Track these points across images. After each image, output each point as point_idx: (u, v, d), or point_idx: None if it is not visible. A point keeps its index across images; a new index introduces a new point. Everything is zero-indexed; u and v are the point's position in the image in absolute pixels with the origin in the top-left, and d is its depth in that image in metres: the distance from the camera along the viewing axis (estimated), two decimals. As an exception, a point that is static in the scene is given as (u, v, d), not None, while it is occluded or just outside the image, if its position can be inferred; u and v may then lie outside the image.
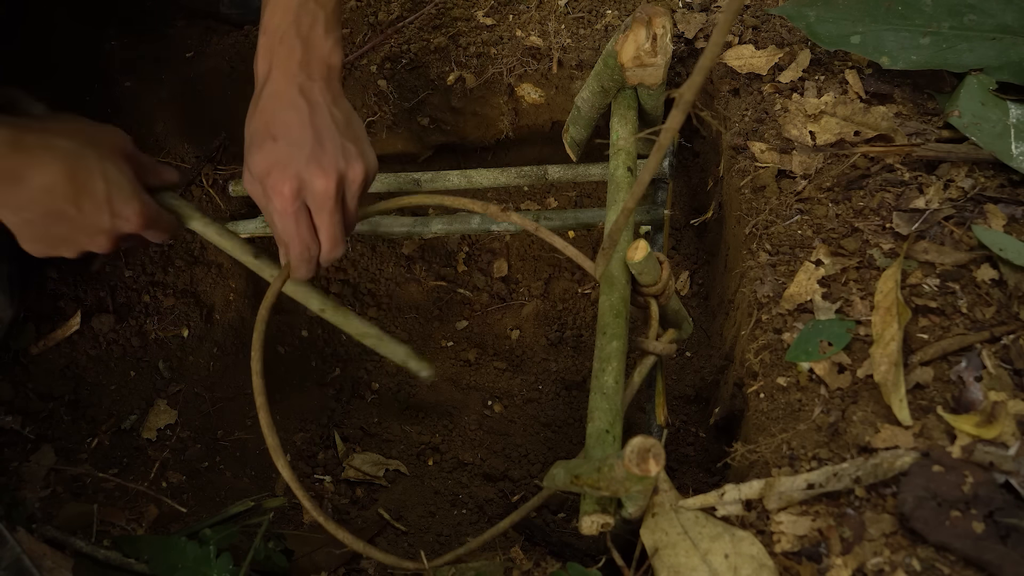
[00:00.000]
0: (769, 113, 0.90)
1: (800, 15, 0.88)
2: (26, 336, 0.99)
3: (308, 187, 0.71)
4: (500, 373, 1.10)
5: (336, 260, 0.78)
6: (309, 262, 0.76)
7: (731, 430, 0.88)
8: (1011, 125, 0.80)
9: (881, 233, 0.78)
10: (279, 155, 0.70)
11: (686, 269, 1.10)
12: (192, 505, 0.92)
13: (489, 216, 0.81)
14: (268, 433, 0.76)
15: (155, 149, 1.11)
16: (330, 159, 0.71)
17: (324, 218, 0.73)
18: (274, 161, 0.70)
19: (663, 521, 0.65)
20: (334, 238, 0.74)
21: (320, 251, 0.75)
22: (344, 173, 0.72)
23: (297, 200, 0.71)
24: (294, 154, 0.70)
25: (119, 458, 0.96)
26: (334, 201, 0.72)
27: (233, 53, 1.09)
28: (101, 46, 1.09)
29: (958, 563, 0.60)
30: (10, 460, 0.90)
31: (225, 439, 1.03)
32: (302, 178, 0.70)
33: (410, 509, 0.96)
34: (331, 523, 0.76)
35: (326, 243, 0.75)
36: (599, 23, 1.05)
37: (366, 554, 0.76)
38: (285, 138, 0.71)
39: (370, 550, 0.76)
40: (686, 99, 0.47)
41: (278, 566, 0.84)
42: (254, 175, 0.72)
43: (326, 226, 0.73)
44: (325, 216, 0.73)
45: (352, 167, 0.72)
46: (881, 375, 0.69)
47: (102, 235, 0.77)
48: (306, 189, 0.71)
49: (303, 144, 0.70)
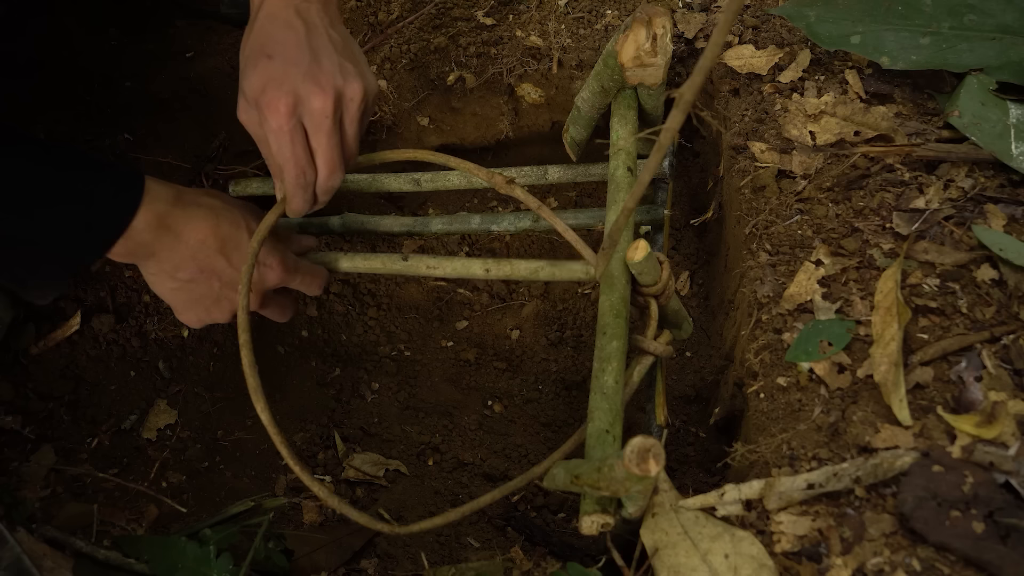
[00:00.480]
0: (769, 113, 0.90)
1: (800, 15, 0.88)
2: (26, 336, 0.99)
3: (305, 104, 0.68)
4: (500, 373, 1.10)
5: (333, 191, 0.75)
6: (305, 189, 0.73)
7: (731, 430, 0.88)
8: (1011, 125, 0.80)
9: (881, 233, 0.78)
10: (274, 72, 0.68)
11: (686, 269, 1.10)
12: (192, 505, 0.92)
13: (494, 186, 0.80)
14: (249, 373, 0.75)
15: (155, 149, 1.11)
16: (327, 76, 0.69)
17: (321, 139, 0.70)
18: (269, 78, 0.68)
19: (663, 521, 0.65)
20: (332, 162, 0.71)
21: (317, 178, 0.73)
22: (342, 91, 0.69)
23: (293, 117, 0.68)
24: (290, 71, 0.68)
25: (119, 458, 0.96)
26: (331, 120, 0.69)
27: (233, 53, 1.09)
28: (101, 46, 1.09)
29: (958, 563, 0.60)
30: (10, 460, 0.90)
31: (225, 439, 1.03)
32: (298, 94, 0.68)
33: (410, 509, 0.96)
34: (307, 475, 0.75)
35: (323, 168, 0.72)
36: (599, 23, 1.05)
37: (339, 510, 0.76)
38: (281, 56, 0.69)
39: (343, 507, 0.76)
40: (686, 99, 0.47)
41: (278, 566, 0.84)
42: (249, 97, 0.70)
43: (323, 148, 0.71)
44: (322, 137, 0.70)
45: (350, 85, 0.70)
46: (881, 375, 0.69)
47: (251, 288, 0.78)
48: (302, 106, 0.68)
49: (299, 62, 0.68)
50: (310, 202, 0.75)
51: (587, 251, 0.77)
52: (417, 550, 0.90)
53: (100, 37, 1.10)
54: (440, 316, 1.16)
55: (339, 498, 0.76)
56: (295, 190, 0.73)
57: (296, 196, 0.73)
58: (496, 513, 0.96)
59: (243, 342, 0.76)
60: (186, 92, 1.09)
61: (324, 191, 0.74)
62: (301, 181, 0.72)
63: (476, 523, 0.95)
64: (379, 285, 1.17)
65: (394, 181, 1.03)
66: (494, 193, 1.22)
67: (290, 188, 0.73)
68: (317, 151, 0.71)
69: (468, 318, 1.15)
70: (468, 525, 0.95)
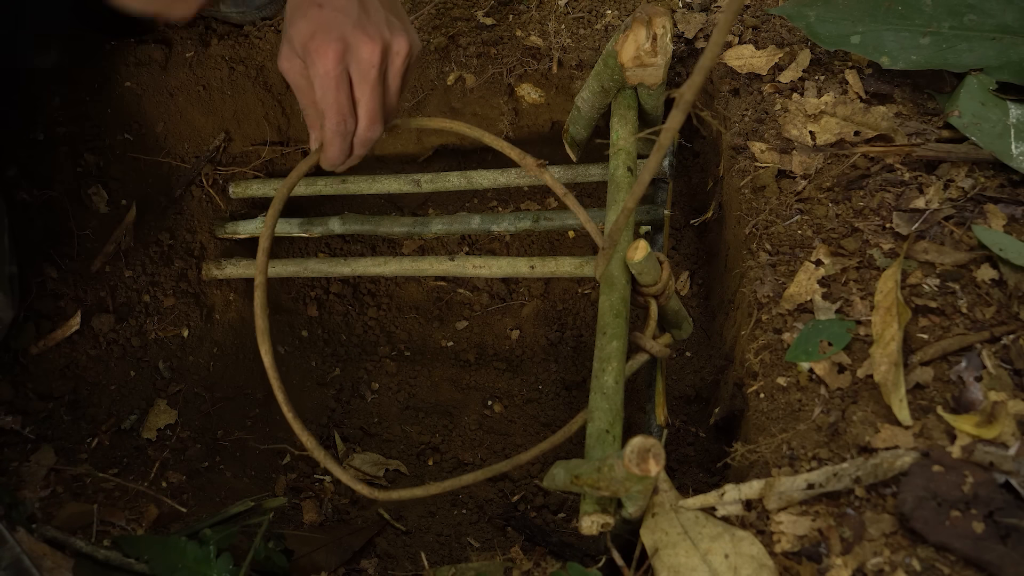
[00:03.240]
0: (769, 113, 0.90)
1: (800, 15, 0.88)
2: (26, 336, 0.99)
3: (353, 52, 0.69)
4: (500, 373, 1.10)
5: (370, 144, 0.74)
6: (344, 138, 0.72)
7: (731, 430, 0.88)
8: (1011, 125, 0.80)
9: (881, 233, 0.78)
10: (324, 19, 0.68)
11: (686, 269, 1.10)
12: (192, 505, 0.92)
13: (525, 168, 0.81)
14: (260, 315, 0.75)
15: (155, 149, 1.11)
16: (375, 28, 0.69)
17: (366, 89, 0.70)
18: (319, 25, 0.68)
19: (663, 521, 0.65)
20: (373, 113, 0.72)
21: (356, 128, 0.73)
22: (389, 43, 0.70)
23: (340, 64, 0.68)
24: (340, 19, 0.68)
25: (119, 458, 0.96)
26: (377, 71, 0.70)
27: (233, 53, 1.09)
28: (101, 46, 1.09)
29: (958, 563, 0.60)
30: (10, 460, 0.90)
31: (225, 439, 1.03)
32: (348, 42, 0.68)
33: (410, 509, 0.96)
34: (298, 423, 0.76)
35: (364, 118, 0.72)
36: (599, 23, 1.05)
37: (324, 464, 0.77)
38: (331, 5, 0.69)
39: (328, 461, 0.77)
40: (686, 99, 0.47)
41: (278, 566, 0.84)
42: (295, 44, 0.70)
43: (367, 98, 0.71)
44: (367, 87, 0.70)
45: (397, 39, 0.70)
46: (881, 375, 0.69)
47: None
48: (351, 54, 0.69)
49: (349, 11, 0.69)
50: (346, 152, 0.74)
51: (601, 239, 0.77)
52: (417, 550, 0.90)
53: (100, 37, 1.10)
54: (440, 316, 1.16)
55: (324, 451, 0.77)
56: (334, 137, 0.72)
57: (334, 144, 0.73)
58: (496, 513, 0.96)
59: (258, 283, 0.76)
60: (186, 92, 1.09)
61: (361, 143, 0.74)
62: (341, 129, 0.72)
63: (476, 523, 0.95)
64: (379, 285, 1.17)
65: (394, 182, 1.03)
66: (494, 193, 1.22)
67: (329, 135, 0.72)
68: (360, 101, 0.71)
69: (468, 318, 1.15)
70: (468, 525, 0.95)
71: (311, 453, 0.77)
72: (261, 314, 0.75)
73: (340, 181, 1.04)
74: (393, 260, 0.97)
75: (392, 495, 0.76)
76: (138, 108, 1.09)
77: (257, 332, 0.75)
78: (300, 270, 1.02)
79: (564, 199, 0.80)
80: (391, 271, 0.97)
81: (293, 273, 1.03)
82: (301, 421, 0.76)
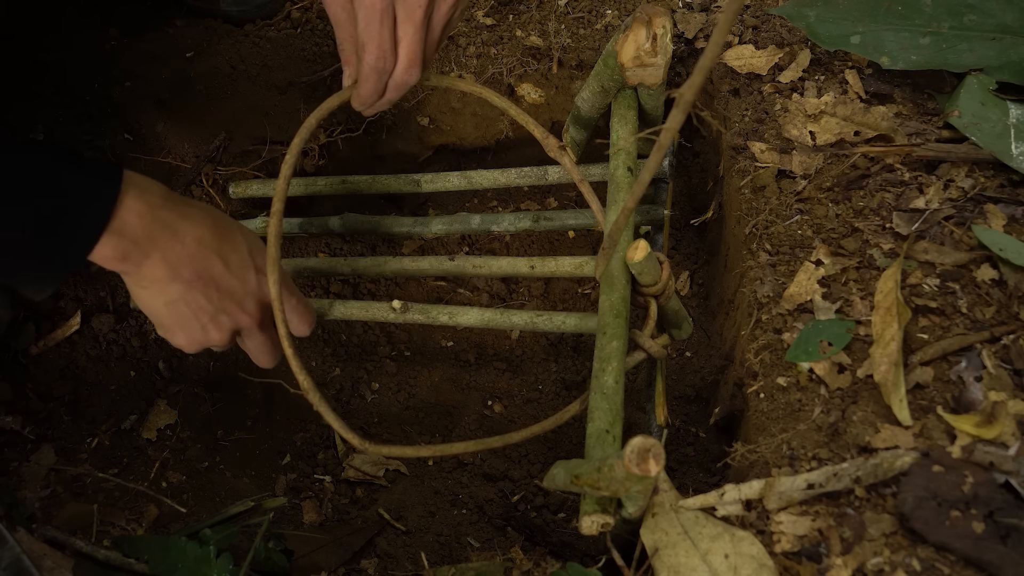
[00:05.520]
0: (769, 113, 0.90)
1: (800, 15, 0.88)
2: (26, 336, 0.99)
3: None
4: (500, 373, 1.10)
5: (404, 89, 0.74)
6: (380, 76, 0.71)
7: (731, 430, 0.88)
8: (1011, 125, 0.80)
9: (881, 233, 0.78)
10: None
11: (686, 269, 1.10)
12: (192, 505, 0.92)
13: (545, 147, 0.82)
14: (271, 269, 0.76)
15: (155, 149, 1.11)
16: None
17: (409, 29, 0.69)
18: None
19: (663, 521, 0.65)
20: (413, 54, 0.71)
21: (395, 68, 0.72)
22: None
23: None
24: None
25: (119, 458, 0.96)
26: (424, 11, 0.69)
27: (233, 53, 1.09)
28: (101, 46, 1.09)
29: (958, 563, 0.60)
30: (10, 460, 0.90)
31: (225, 439, 1.03)
32: None
33: (410, 509, 0.96)
34: (296, 361, 0.79)
35: (403, 58, 0.71)
36: (599, 23, 1.05)
37: (317, 407, 0.79)
38: None
39: (321, 405, 0.78)
40: (686, 99, 0.47)
41: (278, 566, 0.84)
42: None
43: (409, 39, 0.70)
44: (411, 27, 0.69)
45: None
46: (881, 375, 0.69)
47: (250, 298, 0.77)
48: None
49: None
50: (379, 92, 0.73)
51: None
52: (417, 550, 0.90)
53: (99, 36, 1.10)
54: (440, 316, 1.16)
55: (319, 395, 0.78)
56: (370, 73, 0.71)
57: (369, 80, 0.72)
58: (496, 513, 0.96)
59: (275, 211, 0.77)
60: (186, 92, 1.09)
61: (396, 86, 0.73)
62: (380, 65, 0.71)
63: (476, 523, 0.95)
64: (379, 285, 1.17)
65: (394, 182, 1.03)
66: (494, 193, 1.22)
67: (366, 71, 0.71)
68: (402, 40, 0.70)
69: (468, 318, 1.15)
70: (468, 525, 0.95)
71: (306, 394, 0.78)
72: (274, 243, 0.76)
73: (340, 181, 1.04)
74: (393, 260, 0.97)
75: (382, 450, 0.78)
76: (138, 108, 1.09)
77: (268, 261, 0.76)
78: (300, 270, 1.02)
79: (580, 186, 0.82)
80: (391, 271, 0.97)
81: (293, 273, 1.03)
82: (299, 359, 0.78)
